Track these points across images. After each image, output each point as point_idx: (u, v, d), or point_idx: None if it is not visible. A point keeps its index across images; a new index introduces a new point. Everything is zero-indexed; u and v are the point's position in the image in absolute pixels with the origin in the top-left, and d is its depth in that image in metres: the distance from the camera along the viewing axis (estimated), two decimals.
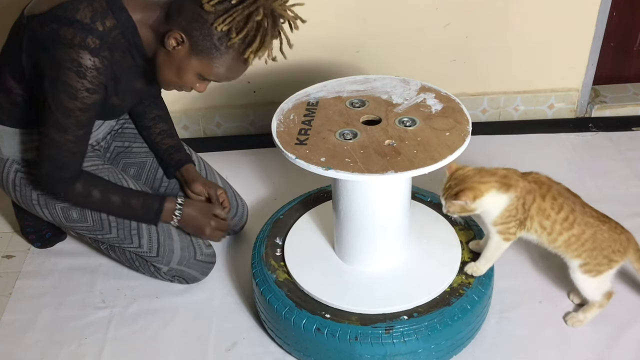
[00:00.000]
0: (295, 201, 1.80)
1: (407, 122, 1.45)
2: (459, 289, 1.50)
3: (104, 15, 1.37)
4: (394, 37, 2.21)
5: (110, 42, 1.38)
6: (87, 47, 1.34)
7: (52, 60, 1.36)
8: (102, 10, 1.37)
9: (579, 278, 1.52)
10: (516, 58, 2.28)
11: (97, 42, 1.35)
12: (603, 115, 2.40)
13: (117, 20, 1.38)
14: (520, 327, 1.60)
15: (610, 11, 2.22)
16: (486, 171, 1.44)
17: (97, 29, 1.36)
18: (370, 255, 1.57)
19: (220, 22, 1.30)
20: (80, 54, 1.34)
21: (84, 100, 1.38)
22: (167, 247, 1.64)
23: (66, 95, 1.37)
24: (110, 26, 1.38)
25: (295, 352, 1.54)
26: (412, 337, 1.41)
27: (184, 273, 1.69)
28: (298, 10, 1.39)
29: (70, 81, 1.35)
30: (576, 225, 1.46)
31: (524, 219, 1.46)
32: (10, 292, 1.76)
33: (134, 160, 1.78)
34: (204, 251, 1.71)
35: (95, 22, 1.36)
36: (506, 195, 1.43)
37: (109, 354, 1.60)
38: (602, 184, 2.05)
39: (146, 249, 1.63)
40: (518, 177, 1.45)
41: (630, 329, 1.58)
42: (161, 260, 1.65)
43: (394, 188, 1.47)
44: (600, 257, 1.48)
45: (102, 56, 1.37)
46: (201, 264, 1.70)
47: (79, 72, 1.35)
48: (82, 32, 1.34)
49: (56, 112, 1.39)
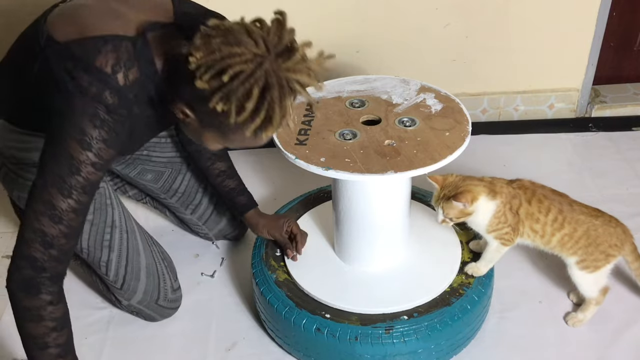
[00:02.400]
0: (295, 201, 1.80)
1: (407, 122, 1.45)
2: (459, 289, 1.50)
3: (129, 66, 1.16)
4: (394, 37, 2.21)
5: (131, 98, 1.18)
6: (104, 102, 1.15)
7: (60, 108, 1.16)
8: (128, 59, 1.16)
9: (576, 275, 1.52)
10: (516, 58, 2.28)
11: (115, 98, 1.16)
12: (603, 115, 2.40)
13: (140, 72, 1.18)
14: (520, 327, 1.60)
15: (610, 11, 2.22)
16: (473, 177, 1.47)
17: (117, 83, 1.16)
18: (370, 255, 1.57)
19: (216, 101, 1.08)
20: (96, 105, 1.14)
21: (104, 162, 1.19)
22: (132, 287, 1.58)
23: (79, 147, 1.16)
24: (133, 80, 1.17)
25: (295, 352, 1.54)
26: (412, 337, 1.41)
27: (143, 312, 1.65)
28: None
29: (85, 127, 1.15)
30: (567, 225, 1.47)
31: (516, 223, 1.47)
32: None
33: (152, 168, 1.73)
34: (168, 297, 1.64)
35: (116, 73, 1.15)
36: (493, 202, 1.45)
37: (109, 354, 1.60)
38: (602, 184, 2.05)
39: (112, 280, 1.58)
40: (502, 184, 1.47)
41: (630, 329, 1.58)
42: (123, 294, 1.60)
43: (393, 188, 1.47)
44: (597, 252, 1.48)
45: (119, 114, 1.17)
46: (161, 308, 1.64)
47: (94, 119, 1.15)
48: (99, 83, 1.14)
49: (50, 186, 1.16)
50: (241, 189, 1.69)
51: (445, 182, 1.46)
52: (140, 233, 1.61)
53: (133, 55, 1.17)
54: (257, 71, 1.06)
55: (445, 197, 1.43)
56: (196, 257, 1.87)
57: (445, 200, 1.43)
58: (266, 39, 1.08)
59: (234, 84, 1.06)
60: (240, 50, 1.06)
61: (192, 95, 1.13)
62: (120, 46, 1.16)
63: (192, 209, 1.81)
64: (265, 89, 1.07)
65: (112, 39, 1.17)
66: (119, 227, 1.54)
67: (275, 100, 1.08)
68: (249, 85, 1.06)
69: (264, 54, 1.07)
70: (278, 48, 1.08)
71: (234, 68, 1.05)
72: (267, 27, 1.10)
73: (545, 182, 1.53)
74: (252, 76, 1.06)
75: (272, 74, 1.07)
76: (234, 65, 1.05)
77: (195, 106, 1.16)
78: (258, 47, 1.07)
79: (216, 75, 1.06)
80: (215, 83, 1.06)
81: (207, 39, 1.07)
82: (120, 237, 1.55)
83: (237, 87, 1.06)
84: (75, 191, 1.17)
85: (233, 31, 1.08)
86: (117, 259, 1.55)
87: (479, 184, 1.45)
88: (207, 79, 1.06)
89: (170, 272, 1.66)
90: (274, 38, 1.09)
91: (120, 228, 1.55)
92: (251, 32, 1.08)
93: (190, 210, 1.81)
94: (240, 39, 1.07)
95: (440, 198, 1.45)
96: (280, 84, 1.08)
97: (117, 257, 1.55)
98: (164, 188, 1.77)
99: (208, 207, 1.81)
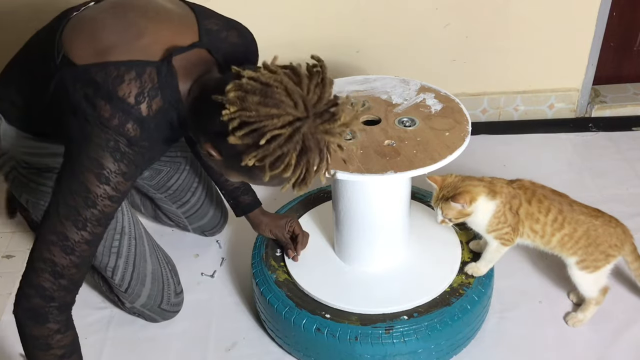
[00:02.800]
0: (295, 201, 1.80)
1: (407, 122, 1.45)
2: (459, 289, 1.50)
3: (152, 96, 1.11)
4: (394, 37, 2.21)
5: (152, 127, 1.13)
6: (125, 135, 1.09)
7: (78, 136, 1.11)
8: (151, 89, 1.11)
9: (576, 275, 1.52)
10: (516, 58, 2.28)
11: (138, 130, 1.10)
12: (603, 115, 2.40)
13: (164, 101, 1.12)
14: (520, 327, 1.60)
15: (610, 11, 2.22)
16: (473, 178, 1.47)
17: (141, 114, 1.10)
18: (370, 255, 1.57)
19: (248, 157, 1.02)
20: (117, 138, 1.09)
21: (117, 187, 1.13)
22: (136, 291, 1.58)
23: (96, 178, 1.11)
24: (157, 109, 1.12)
25: (295, 352, 1.54)
26: (412, 337, 1.41)
27: (145, 314, 1.65)
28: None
29: (103, 160, 1.10)
30: (567, 225, 1.47)
31: (516, 223, 1.47)
32: (10, 292, 1.76)
33: (151, 166, 1.70)
34: (171, 300, 1.64)
35: (140, 104, 1.10)
36: (493, 202, 1.45)
37: (109, 354, 1.60)
38: (602, 184, 2.05)
39: (117, 283, 1.57)
40: (502, 184, 1.47)
41: (630, 329, 1.58)
42: (127, 297, 1.60)
43: (393, 188, 1.47)
44: (597, 253, 1.48)
45: (140, 145, 1.12)
46: (164, 312, 1.65)
47: (114, 153, 1.10)
48: (122, 115, 1.09)
49: (64, 218, 1.11)
50: (246, 188, 1.68)
51: (444, 182, 1.46)
52: (147, 238, 1.61)
53: (157, 83, 1.11)
54: (295, 135, 1.00)
55: (444, 198, 1.43)
56: (196, 257, 1.87)
57: (444, 201, 1.43)
58: (305, 99, 1.01)
59: (270, 147, 1.00)
60: (278, 112, 1.00)
61: (218, 139, 1.07)
62: (143, 73, 1.10)
63: (179, 204, 1.81)
64: (302, 152, 1.02)
65: (136, 65, 1.11)
66: (127, 233, 1.54)
67: (312, 163, 1.04)
68: (286, 150, 1.01)
69: (302, 116, 1.01)
70: (317, 108, 1.02)
71: (271, 132, 1.00)
72: (307, 83, 1.03)
73: (545, 182, 1.53)
74: (290, 141, 1.00)
75: (309, 137, 1.02)
76: (272, 128, 1.00)
77: (222, 151, 1.10)
78: (297, 109, 1.01)
79: (251, 133, 1.00)
80: (249, 140, 1.01)
81: (243, 94, 1.01)
82: (129, 244, 1.54)
83: (274, 150, 1.01)
84: (90, 224, 1.13)
85: (271, 90, 1.01)
86: (124, 265, 1.54)
87: (478, 185, 1.45)
88: (240, 136, 1.01)
89: (174, 276, 1.66)
90: (314, 97, 1.02)
91: (129, 235, 1.54)
92: (291, 93, 1.01)
93: (177, 206, 1.82)
94: (279, 100, 1.00)
95: (439, 199, 1.45)
96: (318, 147, 1.03)
97: (125, 263, 1.54)
98: (157, 185, 1.76)
99: (195, 205, 1.82)
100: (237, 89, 1.01)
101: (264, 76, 1.02)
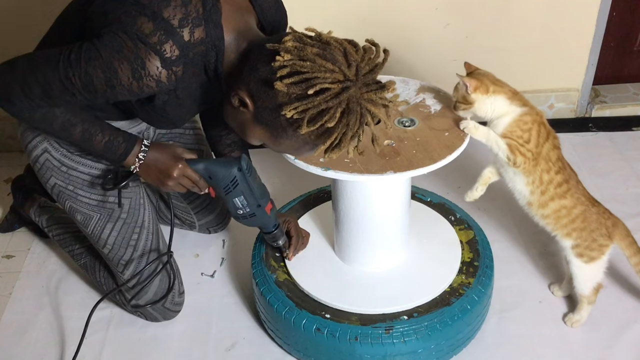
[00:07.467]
0: (295, 201, 1.80)
1: (406, 122, 1.45)
2: (459, 289, 1.50)
3: (196, 24, 1.11)
4: (394, 37, 2.21)
5: (191, 57, 1.13)
6: (161, 54, 1.09)
7: (112, 34, 1.08)
8: (196, 17, 1.11)
9: (573, 263, 1.51)
10: (516, 58, 2.28)
11: (177, 52, 1.10)
12: (603, 115, 2.40)
13: (207, 34, 1.13)
14: (520, 327, 1.60)
15: (610, 11, 2.22)
16: (505, 83, 1.44)
17: (182, 37, 1.11)
18: (370, 255, 1.57)
19: (290, 108, 1.04)
20: (150, 57, 1.09)
21: (118, 96, 1.13)
22: (144, 287, 1.58)
23: (104, 78, 1.10)
24: (198, 39, 1.12)
25: (295, 352, 1.54)
26: (412, 337, 1.41)
27: (147, 312, 1.65)
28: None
29: (120, 71, 1.09)
30: (569, 196, 1.46)
31: (537, 154, 1.43)
32: (10, 292, 1.76)
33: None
34: (175, 300, 1.65)
35: (183, 28, 1.10)
36: (519, 108, 1.41)
37: (109, 354, 1.60)
38: (602, 184, 2.05)
39: (126, 278, 1.58)
40: (537, 111, 1.44)
41: (630, 329, 1.58)
42: (133, 293, 1.60)
43: (393, 188, 1.47)
44: (590, 239, 1.47)
45: (173, 71, 1.12)
46: (166, 310, 1.65)
47: (135, 71, 1.09)
48: (163, 34, 1.09)
49: (79, 72, 1.09)
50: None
51: (475, 71, 1.45)
52: (163, 237, 1.63)
53: (202, 14, 1.11)
54: (343, 93, 1.04)
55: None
56: (196, 257, 1.87)
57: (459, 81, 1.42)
58: (359, 65, 1.07)
59: (316, 99, 1.03)
60: (333, 67, 1.05)
61: (258, 87, 1.08)
62: (190, 2, 1.11)
63: (190, 199, 1.82)
64: (344, 112, 1.06)
65: None
66: (146, 228, 1.56)
67: (350, 126, 1.07)
68: (331, 105, 1.04)
69: (353, 79, 1.06)
70: (367, 78, 1.08)
71: (322, 84, 1.03)
72: (362, 54, 1.09)
73: None
74: (337, 98, 1.04)
75: (354, 101, 1.06)
76: (322, 81, 1.03)
77: (257, 100, 1.10)
78: (350, 71, 1.06)
79: (300, 83, 1.03)
80: (295, 90, 1.03)
81: (301, 45, 1.05)
82: (147, 239, 1.56)
83: (319, 103, 1.03)
84: (79, 91, 1.13)
85: (331, 47, 1.07)
86: (139, 259, 1.56)
87: (503, 86, 1.42)
88: (288, 83, 1.03)
89: (179, 275, 1.67)
90: (366, 67, 1.08)
91: (147, 229, 1.56)
92: (348, 54, 1.07)
93: (189, 201, 1.82)
94: (336, 57, 1.06)
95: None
96: (360, 112, 1.07)
97: (139, 258, 1.56)
98: None
99: (205, 200, 1.83)
100: (296, 40, 1.06)
101: (324, 36, 1.09)
